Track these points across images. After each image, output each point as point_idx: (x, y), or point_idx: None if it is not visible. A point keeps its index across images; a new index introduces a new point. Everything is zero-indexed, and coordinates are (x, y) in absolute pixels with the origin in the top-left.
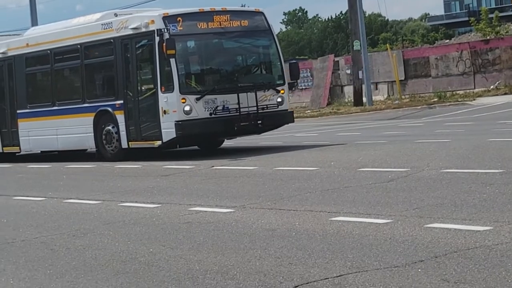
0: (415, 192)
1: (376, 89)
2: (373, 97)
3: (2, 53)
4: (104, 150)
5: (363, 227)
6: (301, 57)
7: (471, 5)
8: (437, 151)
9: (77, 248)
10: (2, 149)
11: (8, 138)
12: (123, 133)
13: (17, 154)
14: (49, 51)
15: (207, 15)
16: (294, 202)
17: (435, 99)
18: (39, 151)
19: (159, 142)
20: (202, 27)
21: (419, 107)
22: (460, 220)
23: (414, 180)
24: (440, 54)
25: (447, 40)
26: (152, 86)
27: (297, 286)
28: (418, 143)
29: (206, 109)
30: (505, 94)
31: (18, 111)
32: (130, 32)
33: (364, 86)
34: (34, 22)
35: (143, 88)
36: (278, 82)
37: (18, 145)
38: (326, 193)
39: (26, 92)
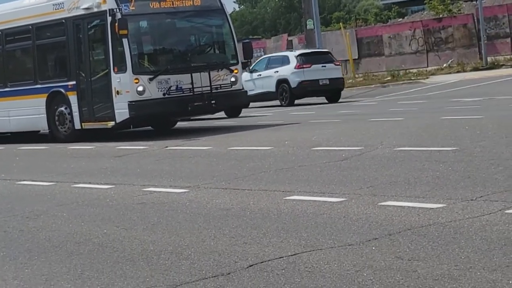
0: (368, 171)
1: None
2: None
3: None
4: (57, 132)
5: (317, 205)
6: (255, 36)
7: None
8: (390, 129)
9: (31, 230)
10: None
11: None
12: (76, 114)
13: None
14: (0, 32)
15: None
16: (249, 182)
17: (389, 78)
18: None
19: (112, 123)
20: (155, 7)
21: (372, 86)
22: (414, 198)
23: (367, 159)
24: (393, 32)
25: (400, 19)
26: (104, 66)
27: (251, 265)
28: (371, 121)
29: (160, 89)
30: (458, 72)
31: None
32: (82, 12)
33: None
34: None
35: (95, 68)
36: (231, 62)
37: None
38: (280, 172)
39: None
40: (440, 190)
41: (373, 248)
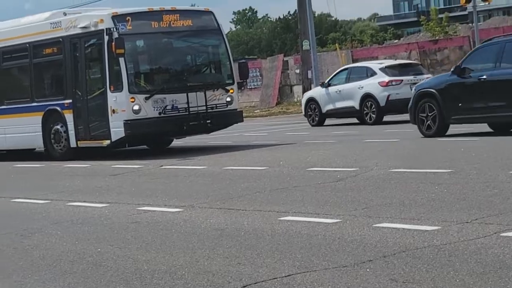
0: (363, 192)
1: None
2: None
3: None
4: (53, 150)
5: (312, 226)
6: (251, 56)
7: (420, 5)
8: (385, 150)
9: (25, 248)
10: None
11: None
12: (71, 132)
13: None
14: None
15: (156, 15)
16: (243, 202)
17: None
18: None
19: (107, 141)
20: (152, 27)
21: None
22: (409, 220)
23: (362, 180)
24: (389, 54)
25: (396, 40)
26: (101, 85)
27: (245, 286)
28: (366, 142)
29: (155, 109)
30: None
31: None
32: (79, 31)
33: (313, 86)
34: None
35: (92, 87)
36: (227, 82)
37: None
38: (275, 192)
39: None
40: (435, 212)
41: (368, 270)
